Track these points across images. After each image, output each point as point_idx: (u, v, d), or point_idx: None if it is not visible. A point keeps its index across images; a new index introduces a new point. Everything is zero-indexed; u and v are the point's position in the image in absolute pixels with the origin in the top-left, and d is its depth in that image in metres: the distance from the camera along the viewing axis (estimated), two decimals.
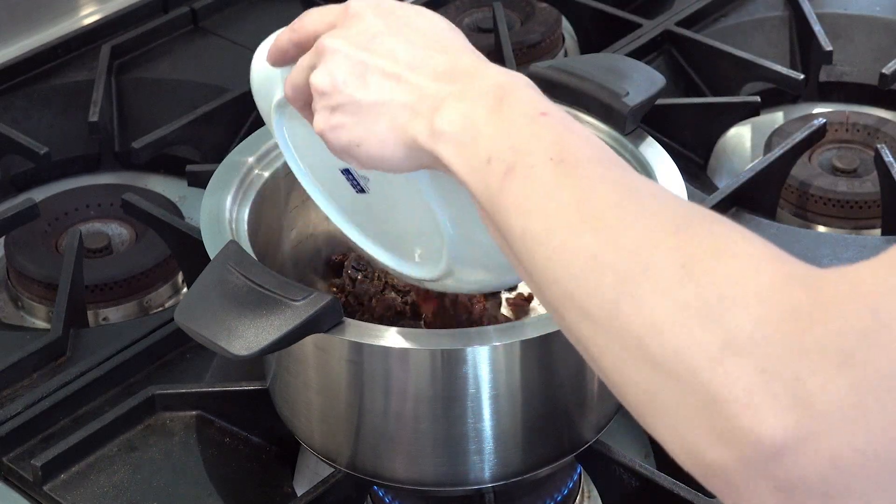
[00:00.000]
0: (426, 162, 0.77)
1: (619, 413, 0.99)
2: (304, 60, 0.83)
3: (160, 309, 1.26)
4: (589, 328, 0.64)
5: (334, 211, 0.92)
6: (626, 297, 0.62)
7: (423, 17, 0.82)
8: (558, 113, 0.73)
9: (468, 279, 0.89)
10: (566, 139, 0.70)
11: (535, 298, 1.05)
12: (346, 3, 0.83)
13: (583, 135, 0.72)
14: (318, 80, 0.80)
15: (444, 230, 0.85)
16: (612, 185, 0.67)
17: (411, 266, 0.91)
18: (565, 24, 1.60)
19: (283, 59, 0.87)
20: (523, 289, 1.07)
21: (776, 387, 0.56)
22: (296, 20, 0.86)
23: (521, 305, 1.06)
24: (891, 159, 1.28)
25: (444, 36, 0.81)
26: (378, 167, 0.80)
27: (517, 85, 0.75)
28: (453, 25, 0.83)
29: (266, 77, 0.90)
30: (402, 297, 1.04)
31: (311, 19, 0.84)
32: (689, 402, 0.59)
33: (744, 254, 0.61)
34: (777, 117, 1.48)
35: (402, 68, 0.78)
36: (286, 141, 0.91)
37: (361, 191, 0.90)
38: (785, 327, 0.57)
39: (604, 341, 0.63)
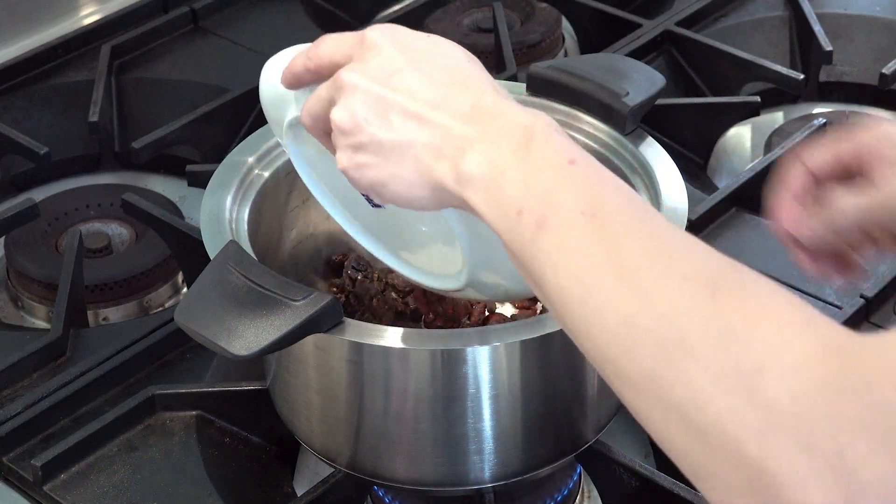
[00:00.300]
0: (453, 203, 0.77)
1: (619, 413, 1.00)
2: (322, 91, 0.82)
3: (160, 309, 1.26)
4: (630, 391, 0.65)
5: (352, 225, 0.92)
6: (664, 366, 0.62)
7: (441, 50, 0.80)
8: (585, 159, 0.72)
9: (490, 289, 0.89)
10: (596, 189, 0.70)
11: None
12: (362, 32, 0.81)
13: (611, 183, 0.71)
14: (339, 117, 0.79)
15: (465, 250, 0.85)
16: (643, 240, 0.67)
17: (432, 278, 0.91)
18: (565, 24, 1.60)
19: (297, 83, 0.86)
20: None
21: (820, 462, 0.57)
22: (311, 46, 0.84)
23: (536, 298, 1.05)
24: None
25: (463, 71, 0.79)
26: (403, 206, 0.79)
27: (542, 128, 0.74)
28: (472, 56, 0.81)
29: (277, 95, 0.89)
30: (402, 298, 1.04)
31: (326, 47, 0.83)
32: (736, 473, 0.60)
33: (777, 320, 0.61)
34: (777, 117, 1.48)
35: (424, 107, 0.77)
36: (302, 160, 0.91)
37: (377, 206, 0.90)
38: (824, 401, 0.58)
39: (646, 405, 0.64)
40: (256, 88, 0.92)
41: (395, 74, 0.78)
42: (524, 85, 1.04)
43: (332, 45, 0.83)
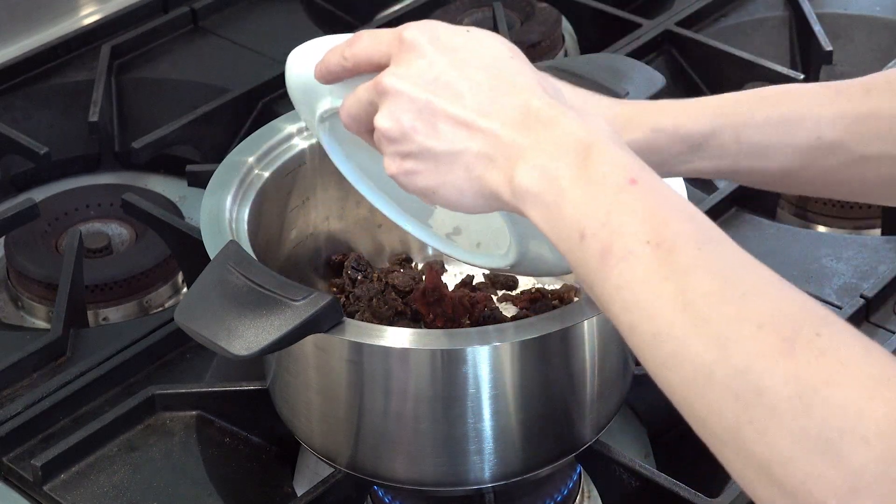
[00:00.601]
0: (508, 209, 0.76)
1: (619, 413, 1.00)
2: (362, 94, 0.81)
3: (160, 309, 1.26)
4: (711, 439, 0.64)
5: (393, 210, 0.91)
6: (744, 422, 0.62)
7: (482, 49, 0.79)
8: (647, 177, 0.70)
9: (536, 265, 0.88)
10: (660, 213, 0.68)
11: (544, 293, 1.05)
12: (399, 30, 0.80)
13: (676, 205, 0.69)
14: (385, 124, 0.78)
15: (511, 232, 0.84)
16: (714, 277, 0.65)
17: (479, 257, 0.90)
18: (565, 24, 1.60)
19: (332, 79, 0.85)
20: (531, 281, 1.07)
21: None
22: (346, 44, 0.83)
23: (537, 298, 1.05)
24: None
25: (508, 69, 0.78)
26: (454, 210, 0.79)
27: (599, 141, 0.72)
28: (514, 49, 0.80)
29: (307, 85, 0.88)
30: (402, 298, 1.04)
31: (363, 46, 0.82)
32: None
33: (856, 380, 0.60)
34: None
35: (472, 114, 0.75)
36: (336, 149, 0.91)
37: None
38: None
39: (729, 455, 0.64)
40: (256, 88, 0.92)
41: (438, 79, 0.77)
42: None
43: (368, 43, 0.81)
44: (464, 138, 0.76)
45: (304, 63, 0.88)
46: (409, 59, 0.78)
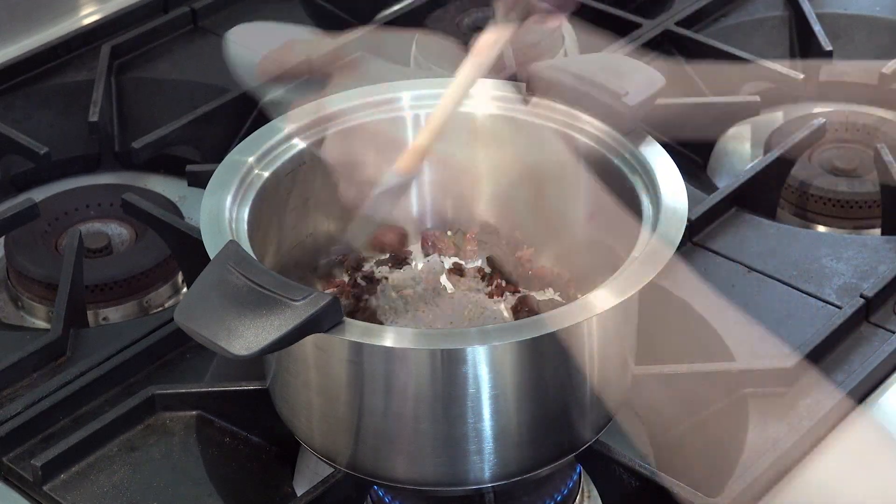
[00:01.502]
0: None
1: (619, 413, 0.99)
2: None
3: (160, 309, 1.26)
4: None
5: None
6: None
7: None
8: None
9: None
10: None
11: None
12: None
13: None
14: None
15: None
16: None
17: None
18: (565, 24, 1.60)
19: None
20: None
21: None
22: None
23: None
24: (890, 159, 1.28)
25: None
26: None
27: None
28: None
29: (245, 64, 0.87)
30: (402, 298, 1.04)
31: None
32: None
33: None
34: (777, 117, 1.47)
35: None
36: None
37: None
38: None
39: None
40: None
41: None
42: (524, 85, 1.04)
43: None
44: None
45: (241, 44, 0.88)
46: None
